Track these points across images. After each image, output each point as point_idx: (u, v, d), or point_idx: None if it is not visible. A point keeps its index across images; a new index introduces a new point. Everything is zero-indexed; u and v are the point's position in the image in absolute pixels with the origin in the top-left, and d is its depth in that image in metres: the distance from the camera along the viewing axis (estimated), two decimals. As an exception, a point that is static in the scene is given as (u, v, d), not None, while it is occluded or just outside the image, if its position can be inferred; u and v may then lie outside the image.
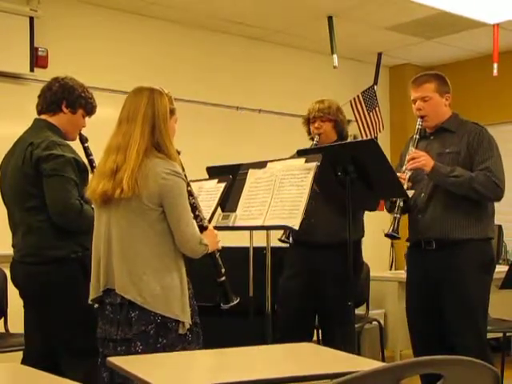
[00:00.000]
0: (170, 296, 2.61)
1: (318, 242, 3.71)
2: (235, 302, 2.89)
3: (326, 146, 3.70)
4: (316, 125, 3.86)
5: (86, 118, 3.40)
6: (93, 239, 2.78)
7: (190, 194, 2.85)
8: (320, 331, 4.04)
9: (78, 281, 3.07)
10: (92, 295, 2.75)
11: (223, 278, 2.88)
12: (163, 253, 2.64)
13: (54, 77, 3.38)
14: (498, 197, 3.46)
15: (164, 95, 2.74)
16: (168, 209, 2.63)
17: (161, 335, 2.60)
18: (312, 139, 3.89)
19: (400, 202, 3.44)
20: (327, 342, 3.72)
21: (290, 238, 3.78)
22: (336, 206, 3.63)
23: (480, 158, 3.42)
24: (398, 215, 3.42)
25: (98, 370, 2.71)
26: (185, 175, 2.78)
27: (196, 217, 2.84)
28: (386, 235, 3.43)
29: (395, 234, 3.39)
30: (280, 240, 3.67)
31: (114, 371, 2.57)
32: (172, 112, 2.80)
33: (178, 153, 2.82)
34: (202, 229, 2.80)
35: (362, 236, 3.89)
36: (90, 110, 3.37)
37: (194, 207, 2.85)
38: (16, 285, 3.33)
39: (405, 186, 3.41)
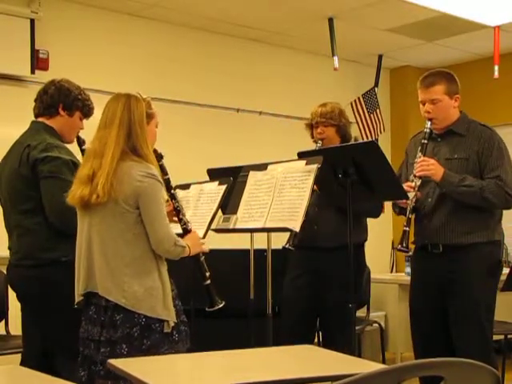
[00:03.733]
0: (153, 296, 2.65)
1: (322, 246, 3.71)
2: (220, 306, 2.91)
3: (326, 147, 3.68)
4: (319, 130, 3.85)
5: (84, 120, 3.40)
6: (76, 244, 2.82)
7: (173, 197, 2.89)
8: (321, 334, 4.03)
9: (72, 283, 3.06)
10: (76, 299, 2.80)
11: (208, 282, 2.91)
12: (143, 254, 2.67)
13: (49, 80, 3.38)
14: (509, 206, 3.42)
15: (141, 100, 2.78)
16: (143, 210, 2.66)
17: (145, 336, 2.63)
18: (315, 143, 3.89)
19: (409, 215, 3.42)
20: (328, 344, 3.72)
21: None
22: (339, 210, 3.62)
23: (490, 165, 3.38)
24: (408, 228, 3.41)
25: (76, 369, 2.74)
26: (167, 179, 2.84)
27: (179, 220, 2.89)
28: (397, 249, 3.47)
29: (405, 249, 3.41)
30: (284, 248, 3.62)
31: (92, 371, 2.65)
32: (151, 116, 2.83)
33: (161, 156, 2.86)
34: (186, 232, 2.83)
35: (366, 239, 3.88)
36: (87, 112, 3.37)
37: (178, 211, 2.89)
38: (12, 288, 3.34)
39: (412, 194, 3.39)
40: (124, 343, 2.62)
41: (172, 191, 2.89)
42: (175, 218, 2.91)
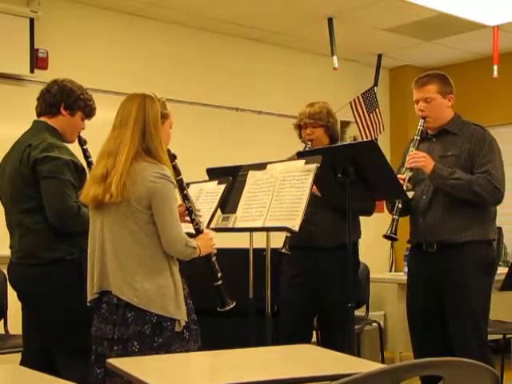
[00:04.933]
0: (165, 295, 2.66)
1: (319, 246, 3.71)
2: (231, 306, 2.91)
3: (326, 147, 3.70)
4: (308, 131, 3.86)
5: (86, 120, 3.41)
6: (88, 242, 2.82)
7: (186, 197, 2.89)
8: (319, 333, 4.04)
9: (75, 282, 3.07)
10: (89, 297, 2.79)
11: (219, 282, 2.91)
12: (155, 254, 2.68)
13: (53, 79, 3.39)
14: (498, 200, 3.45)
15: (156, 101, 2.78)
16: (155, 211, 2.67)
17: (157, 334, 2.64)
18: (304, 143, 3.89)
19: (398, 204, 3.44)
20: (327, 344, 3.72)
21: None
22: (334, 210, 3.63)
23: (480, 160, 3.42)
24: (397, 216, 3.43)
25: (91, 367, 2.73)
26: (180, 179, 2.83)
27: (192, 220, 2.89)
28: (385, 236, 3.45)
29: (393, 236, 3.41)
30: (281, 252, 3.61)
31: (108, 369, 2.60)
32: (165, 116, 2.83)
33: (175, 157, 2.86)
34: (199, 232, 2.84)
35: (359, 237, 3.90)
36: (89, 112, 3.38)
37: (190, 211, 2.88)
38: (13, 286, 3.35)
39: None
40: (135, 340, 2.63)
41: (185, 192, 2.89)
42: (187, 219, 2.91)
